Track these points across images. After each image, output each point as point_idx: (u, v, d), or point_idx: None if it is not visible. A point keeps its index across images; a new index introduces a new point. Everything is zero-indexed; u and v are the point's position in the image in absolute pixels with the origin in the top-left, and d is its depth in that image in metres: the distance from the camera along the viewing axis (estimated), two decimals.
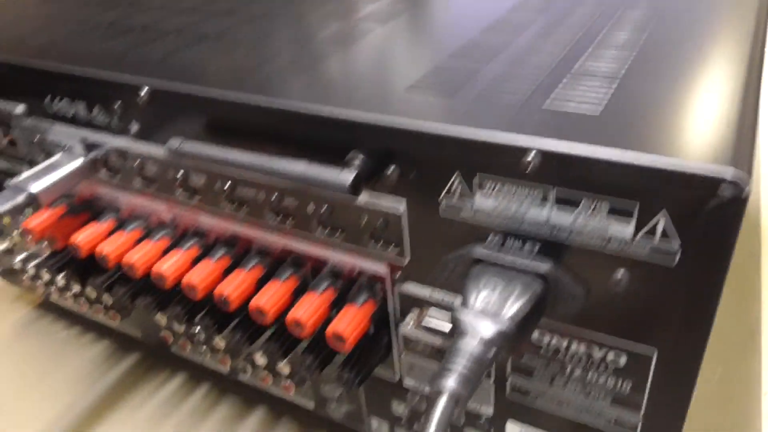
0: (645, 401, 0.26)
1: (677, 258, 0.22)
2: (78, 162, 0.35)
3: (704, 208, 0.20)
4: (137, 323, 0.45)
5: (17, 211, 0.33)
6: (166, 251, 0.34)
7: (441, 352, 0.30)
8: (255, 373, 0.33)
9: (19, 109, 0.36)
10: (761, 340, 0.44)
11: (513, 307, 0.23)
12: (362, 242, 0.29)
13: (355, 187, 0.25)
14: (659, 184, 0.21)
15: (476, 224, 0.25)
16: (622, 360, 0.26)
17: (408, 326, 0.30)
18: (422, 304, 0.29)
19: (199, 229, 0.34)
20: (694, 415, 0.40)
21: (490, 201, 0.24)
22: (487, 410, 0.31)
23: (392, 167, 0.26)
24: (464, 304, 0.24)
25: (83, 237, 0.36)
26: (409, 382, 0.33)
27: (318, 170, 0.25)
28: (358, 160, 0.26)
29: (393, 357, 0.32)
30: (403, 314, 0.30)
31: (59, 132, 0.35)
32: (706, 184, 0.20)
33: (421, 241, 0.27)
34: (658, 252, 0.22)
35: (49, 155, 0.37)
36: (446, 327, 0.28)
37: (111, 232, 0.36)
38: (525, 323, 0.24)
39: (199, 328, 0.34)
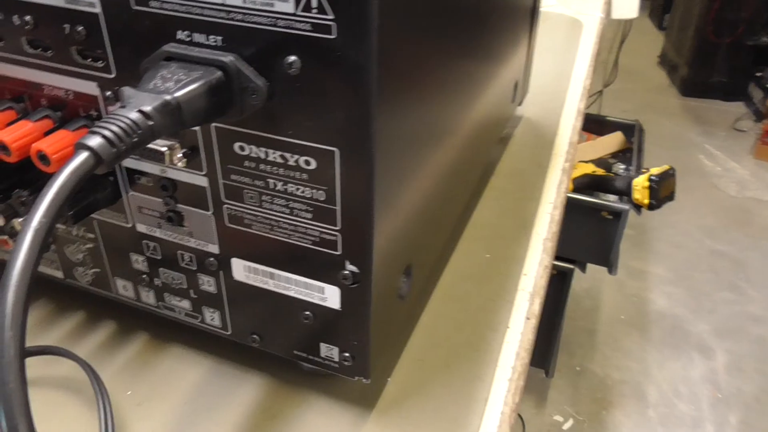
0: (339, 212, 0.26)
1: (333, 29, 0.22)
2: None
3: None
4: None
5: None
6: None
7: (167, 185, 0.29)
8: None
9: None
10: (531, 233, 0.46)
11: (183, 89, 0.23)
12: (71, 60, 0.28)
13: None
14: None
15: (165, 17, 0.25)
16: (312, 164, 0.26)
17: None
18: None
19: None
20: (459, 286, 0.41)
21: None
22: (213, 249, 0.31)
23: None
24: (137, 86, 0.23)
25: None
26: (142, 228, 0.32)
27: None
28: None
29: (123, 198, 0.31)
30: None
31: None
32: None
33: (122, 49, 0.26)
34: (317, 25, 0.22)
35: None
36: (158, 146, 0.27)
37: None
38: (194, 105, 0.23)
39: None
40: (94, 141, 0.21)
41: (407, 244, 0.32)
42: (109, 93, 0.28)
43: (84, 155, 0.20)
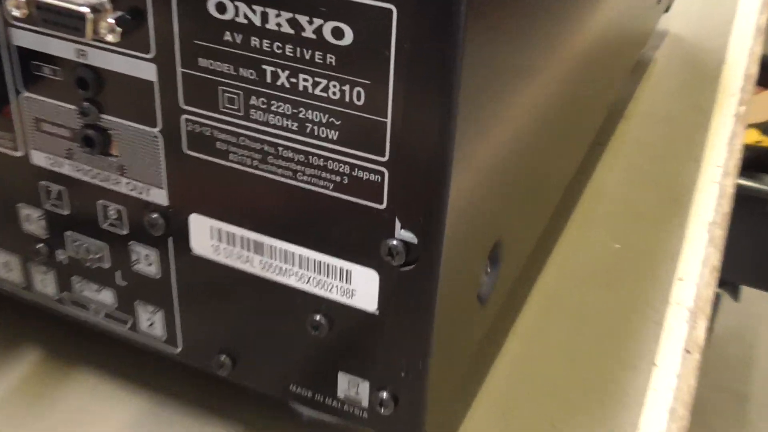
0: (388, 129, 0.22)
1: None
2: None
3: None
4: None
5: None
6: None
7: (87, 79, 0.26)
8: None
9: None
10: (688, 213, 0.44)
11: None
12: None
13: None
14: None
15: None
16: (347, 36, 0.22)
17: (12, 16, 0.25)
18: None
19: None
20: (570, 292, 0.38)
21: None
22: (159, 197, 0.27)
23: None
24: None
25: None
26: (39, 159, 0.29)
27: None
28: None
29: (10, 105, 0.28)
30: None
31: None
32: None
33: None
34: None
35: None
36: (82, 7, 0.24)
37: None
38: None
39: None
40: None
41: (496, 211, 0.29)
42: None
43: None
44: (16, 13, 0.25)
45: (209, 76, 0.24)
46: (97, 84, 0.26)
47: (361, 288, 0.26)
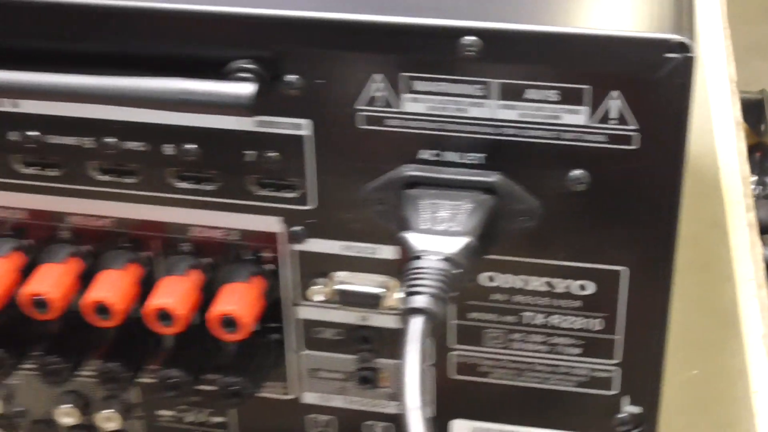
0: (619, 342, 0.45)
1: (635, 139, 0.42)
2: None
3: (656, 77, 0.40)
4: None
5: None
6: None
7: (358, 338, 0.47)
8: None
9: None
10: (741, 328, 0.66)
11: (468, 222, 0.41)
12: (245, 192, 0.45)
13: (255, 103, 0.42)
14: (607, 58, 0.40)
15: (405, 136, 0.43)
16: (589, 289, 0.45)
17: (314, 302, 0.47)
18: (330, 267, 0.46)
19: None
20: (674, 422, 0.60)
21: (420, 104, 0.42)
22: (428, 413, 0.49)
23: (292, 76, 0.43)
24: (406, 228, 0.41)
25: None
26: (310, 398, 0.49)
27: (202, 85, 0.42)
28: (245, 70, 0.42)
29: (284, 361, 0.49)
30: (302, 288, 0.47)
31: None
32: (655, 49, 0.40)
33: (330, 175, 0.44)
34: (615, 136, 0.42)
35: None
36: (373, 289, 0.45)
37: None
38: (484, 240, 0.42)
39: None
40: (423, 301, 0.39)
41: None
42: (298, 228, 0.46)
43: (419, 320, 0.38)
44: (318, 298, 0.47)
45: (477, 323, 0.46)
46: (376, 338, 0.48)
47: None
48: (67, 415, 0.51)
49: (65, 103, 0.44)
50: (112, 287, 0.46)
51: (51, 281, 0.46)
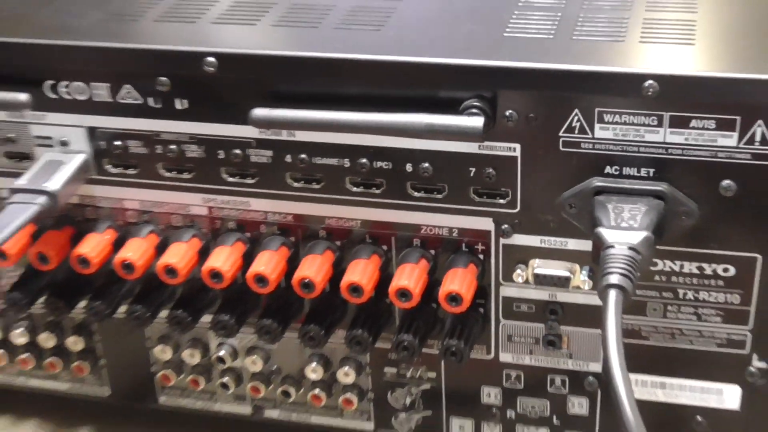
0: (752, 313, 0.59)
1: None
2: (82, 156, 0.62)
3: None
4: (99, 378, 0.71)
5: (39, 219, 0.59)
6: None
7: (556, 309, 0.61)
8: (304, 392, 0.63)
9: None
10: None
11: (645, 220, 0.55)
12: (466, 199, 0.59)
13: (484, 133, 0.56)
14: (752, 95, 0.53)
15: (595, 156, 0.57)
16: (731, 271, 0.59)
17: (515, 282, 0.61)
18: (529, 256, 0.60)
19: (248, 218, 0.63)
20: None
21: (608, 132, 0.56)
22: (595, 367, 0.63)
23: (510, 111, 0.57)
24: (598, 225, 0.55)
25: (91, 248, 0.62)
26: (506, 358, 0.64)
27: (443, 119, 0.56)
28: (476, 107, 0.56)
29: (489, 329, 0.63)
30: (506, 272, 0.61)
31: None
32: None
33: (533, 186, 0.58)
34: (758, 155, 0.55)
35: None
36: (563, 273, 0.59)
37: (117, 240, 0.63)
38: (657, 236, 0.56)
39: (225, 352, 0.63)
40: (617, 279, 0.52)
41: None
42: (505, 227, 0.60)
43: (615, 293, 0.52)
44: (519, 280, 0.60)
45: (641, 298, 0.59)
46: (562, 311, 0.62)
47: (729, 397, 0.60)
48: (313, 371, 0.66)
49: (329, 132, 0.58)
50: (363, 273, 0.60)
51: (315, 269, 0.60)
